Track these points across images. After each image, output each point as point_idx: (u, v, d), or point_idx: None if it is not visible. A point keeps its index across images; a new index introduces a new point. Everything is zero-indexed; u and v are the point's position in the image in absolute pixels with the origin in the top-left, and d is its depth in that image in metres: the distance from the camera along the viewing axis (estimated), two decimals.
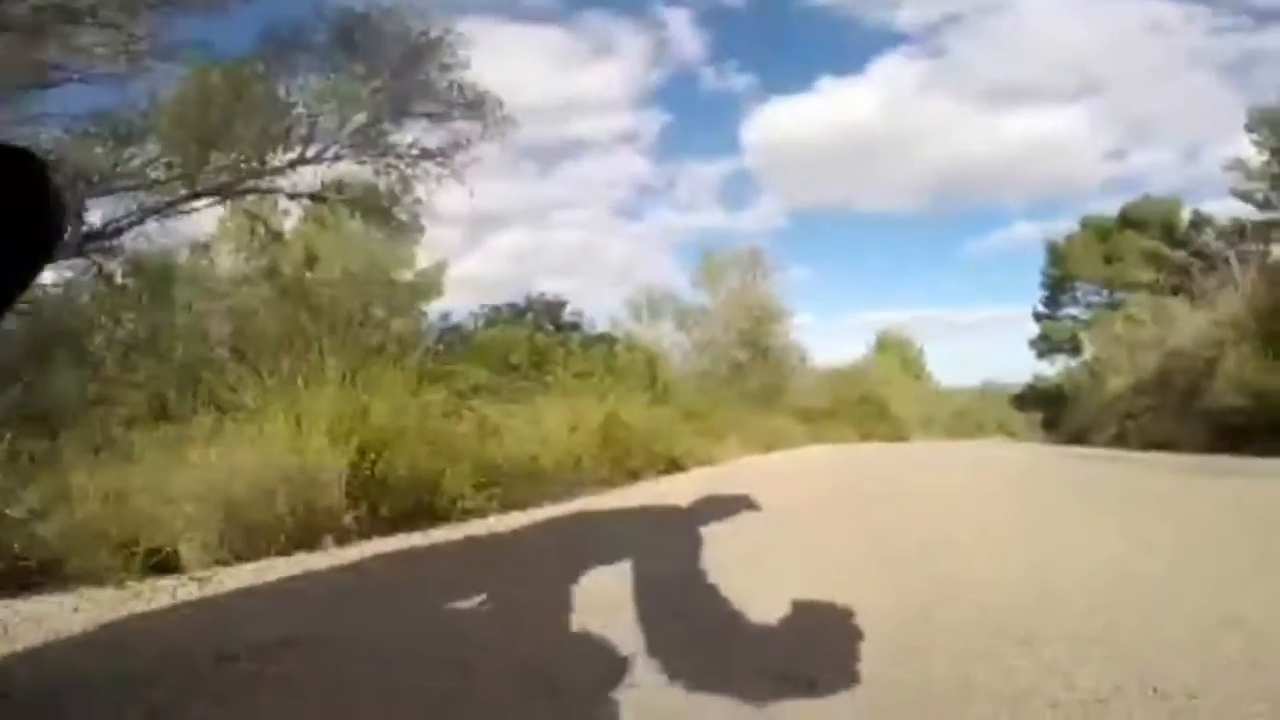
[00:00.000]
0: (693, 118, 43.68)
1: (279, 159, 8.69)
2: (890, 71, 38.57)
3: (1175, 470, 7.63)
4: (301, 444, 3.64)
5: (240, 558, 3.04)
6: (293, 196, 9.08)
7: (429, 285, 16.62)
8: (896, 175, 40.82)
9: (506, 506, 4.68)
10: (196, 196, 8.25)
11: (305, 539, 3.27)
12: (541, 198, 41.06)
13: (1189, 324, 17.23)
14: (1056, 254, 31.03)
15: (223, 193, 8.42)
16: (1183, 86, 35.43)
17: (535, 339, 12.31)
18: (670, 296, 19.82)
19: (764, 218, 38.50)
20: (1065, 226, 31.53)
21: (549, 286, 20.55)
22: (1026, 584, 2.53)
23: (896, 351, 24.51)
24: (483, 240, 42.26)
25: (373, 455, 3.91)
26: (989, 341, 44.00)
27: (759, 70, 39.44)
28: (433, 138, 9.91)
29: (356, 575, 2.78)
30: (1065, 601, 2.29)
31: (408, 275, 15.87)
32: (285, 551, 3.13)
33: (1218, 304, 16.65)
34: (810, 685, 1.70)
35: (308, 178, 9.20)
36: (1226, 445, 12.01)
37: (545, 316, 15.75)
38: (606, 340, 13.86)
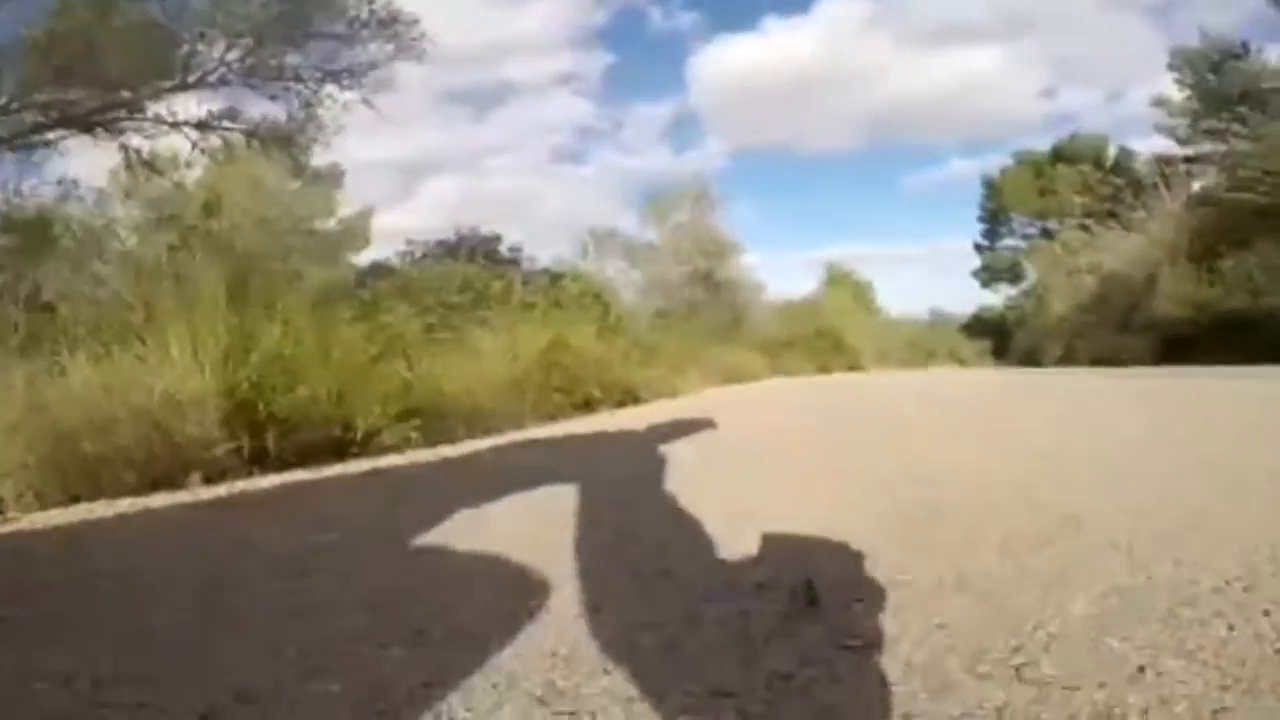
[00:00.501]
0: (638, 58, 41.83)
1: (155, 86, 7.62)
2: (834, 11, 37.78)
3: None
4: (163, 370, 2.97)
5: (79, 497, 2.41)
6: (174, 125, 7.98)
7: (354, 233, 15.55)
8: (838, 114, 40.42)
9: (436, 441, 4.12)
10: (53, 127, 7.16)
11: (167, 476, 2.63)
12: (475, 144, 39.35)
13: (1124, 247, 17.52)
14: (993, 188, 31.99)
15: (86, 123, 7.33)
16: (1110, 29, 35.71)
17: (471, 273, 11.42)
18: (617, 234, 19.08)
19: (710, 158, 37.58)
20: (999, 162, 32.23)
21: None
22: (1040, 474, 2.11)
23: (847, 285, 24.33)
24: (414, 189, 40.63)
25: (262, 385, 3.27)
26: (933, 273, 44.29)
27: (705, 8, 38.10)
28: (342, 61, 8.90)
29: (213, 512, 2.18)
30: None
31: (330, 223, 14.80)
32: (139, 490, 2.50)
33: (1151, 227, 17.00)
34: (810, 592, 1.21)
35: (191, 107, 8.13)
36: (1173, 356, 12.22)
37: (481, 252, 14.77)
38: (550, 274, 13.03)
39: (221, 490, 2.50)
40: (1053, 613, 1.10)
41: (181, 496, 2.42)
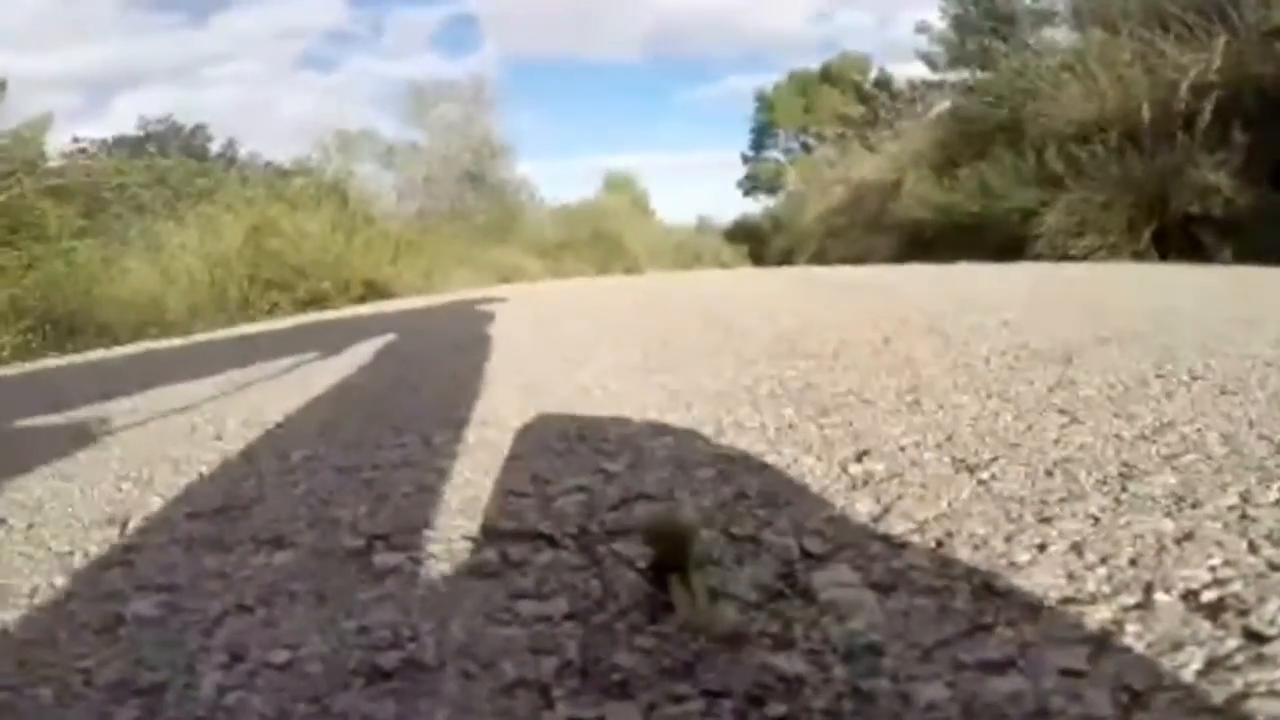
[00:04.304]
0: None
1: None
2: None
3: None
4: None
5: None
6: None
7: (24, 149, 11.82)
8: (619, 25, 39.34)
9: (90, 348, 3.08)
10: None
11: None
12: (191, 52, 33.08)
13: (876, 158, 18.87)
14: (764, 102, 33.30)
15: None
16: None
17: (158, 168, 9.09)
18: (370, 134, 16.63)
19: (486, 64, 34.74)
20: (774, 79, 33.45)
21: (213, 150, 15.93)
22: None
23: (625, 190, 24.07)
24: (110, 104, 33.98)
25: None
26: (704, 183, 45.90)
27: None
28: None
29: None
30: None
31: None
32: None
33: (901, 141, 18.42)
34: None
35: None
36: (914, 254, 13.30)
37: (177, 147, 11.98)
38: (277, 171, 10.85)
39: None
40: None
41: None
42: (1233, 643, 0.63)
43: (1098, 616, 0.69)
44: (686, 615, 0.71)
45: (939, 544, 0.87)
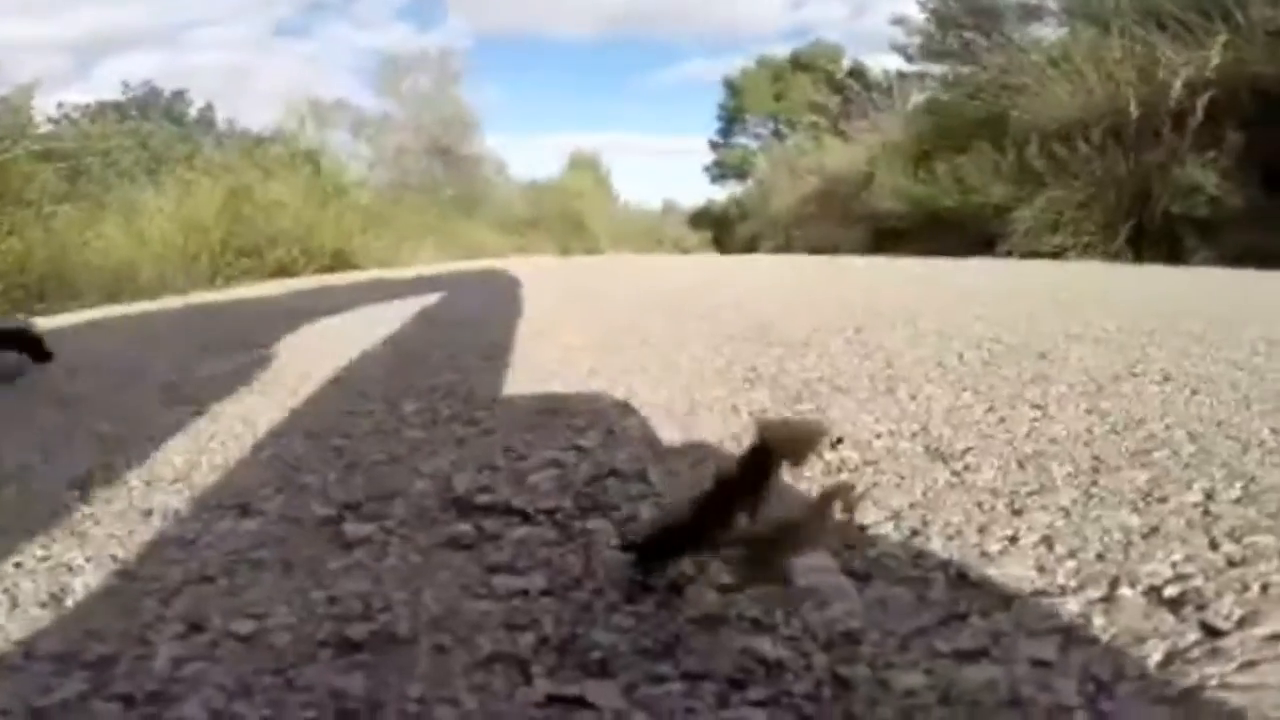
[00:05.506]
0: None
1: None
2: None
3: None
4: None
5: None
6: None
7: (13, 115, 11.29)
8: (581, 3, 38.75)
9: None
10: None
11: None
12: (172, 16, 32.14)
13: (848, 149, 18.89)
14: (733, 88, 33.13)
15: None
16: None
17: (141, 133, 8.83)
18: (343, 104, 16.28)
19: (453, 37, 34.13)
20: (743, 65, 33.20)
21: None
22: None
23: (590, 171, 23.77)
24: (94, 68, 33.17)
25: None
26: (668, 166, 45.78)
27: None
28: None
29: None
30: None
31: None
32: None
33: (875, 131, 18.43)
34: None
35: None
36: (885, 246, 13.40)
37: (160, 112, 11.61)
38: (253, 139, 10.57)
39: None
40: None
41: None
42: (1191, 636, 0.65)
43: (1067, 608, 0.70)
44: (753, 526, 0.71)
45: (914, 533, 0.88)
